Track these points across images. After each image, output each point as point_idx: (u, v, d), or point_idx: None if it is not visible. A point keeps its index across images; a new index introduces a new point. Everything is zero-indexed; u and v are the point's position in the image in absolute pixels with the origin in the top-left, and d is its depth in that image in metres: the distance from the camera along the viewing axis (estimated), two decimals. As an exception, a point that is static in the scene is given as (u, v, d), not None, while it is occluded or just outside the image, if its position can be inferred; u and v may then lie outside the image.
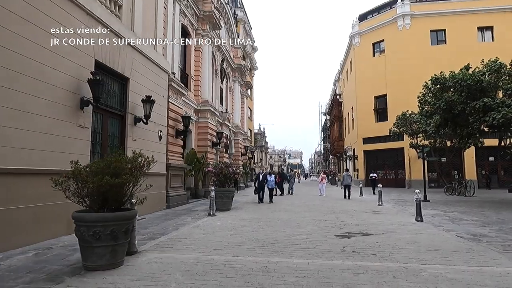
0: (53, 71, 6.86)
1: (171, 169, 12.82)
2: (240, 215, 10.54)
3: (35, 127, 6.36)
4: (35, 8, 6.40)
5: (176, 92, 13.71)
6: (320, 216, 10.39)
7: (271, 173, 15.97)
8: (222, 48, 22.49)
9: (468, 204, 14.49)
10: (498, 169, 28.69)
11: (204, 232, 7.48)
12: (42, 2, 6.60)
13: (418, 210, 9.40)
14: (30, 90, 6.25)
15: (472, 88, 14.44)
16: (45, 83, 6.61)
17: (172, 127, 13.40)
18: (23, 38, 6.14)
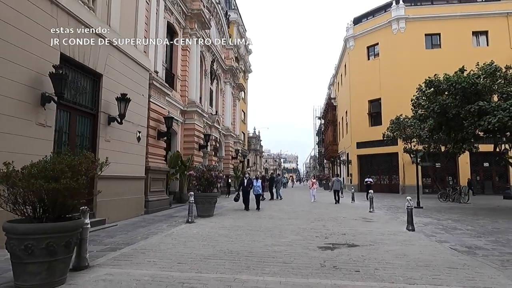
0: (8, 63, 6.20)
1: (151, 172, 12.14)
2: (221, 222, 9.87)
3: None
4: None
5: (159, 91, 13.07)
6: (306, 224, 9.75)
7: (257, 178, 14.66)
8: (213, 49, 21.92)
9: (463, 211, 13.94)
10: (492, 175, 28.27)
11: (174, 242, 6.81)
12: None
13: (410, 218, 8.80)
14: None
15: (467, 91, 13.95)
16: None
17: (154, 128, 12.73)
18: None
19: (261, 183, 14.41)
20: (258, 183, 13.99)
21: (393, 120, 24.30)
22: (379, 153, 30.55)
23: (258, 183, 14.05)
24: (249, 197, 13.40)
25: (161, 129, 13.08)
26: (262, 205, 15.52)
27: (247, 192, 13.36)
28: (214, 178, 11.16)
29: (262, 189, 19.79)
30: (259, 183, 14.02)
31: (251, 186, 13.45)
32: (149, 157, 12.22)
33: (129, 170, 10.49)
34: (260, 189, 14.05)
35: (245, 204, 13.33)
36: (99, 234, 7.61)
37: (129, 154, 10.56)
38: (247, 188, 13.32)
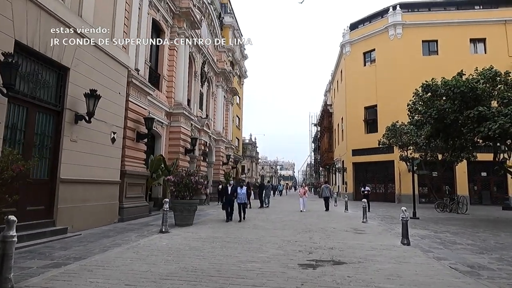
0: None
1: (128, 176, 11.26)
2: (198, 233, 8.99)
3: None
4: None
5: (139, 90, 12.25)
6: (292, 236, 8.89)
7: (242, 185, 12.78)
8: (203, 50, 21.20)
9: (461, 222, 13.12)
10: (490, 185, 27.54)
11: (134, 257, 5.93)
12: None
13: (405, 231, 7.96)
14: None
15: (466, 95, 13.25)
16: None
17: (133, 129, 11.89)
18: None
19: (246, 190, 12.96)
20: (243, 191, 12.32)
21: (389, 127, 23.60)
22: (375, 161, 29.80)
23: (243, 190, 12.37)
24: (233, 207, 12.01)
25: (141, 130, 12.23)
26: (248, 213, 14.65)
27: (230, 201, 11.94)
28: (194, 184, 10.28)
29: (248, 197, 19.01)
30: (244, 191, 12.36)
31: (235, 194, 12.02)
32: (126, 160, 11.35)
33: (100, 173, 9.62)
34: (245, 198, 12.54)
35: (227, 214, 11.87)
36: (53, 246, 6.71)
37: (101, 157, 9.69)
38: (231, 196, 11.89)
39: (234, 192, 11.98)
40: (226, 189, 12.34)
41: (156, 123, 14.99)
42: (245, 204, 12.40)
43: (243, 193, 12.25)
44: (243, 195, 12.24)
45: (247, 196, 18.79)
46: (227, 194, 12.00)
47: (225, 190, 12.41)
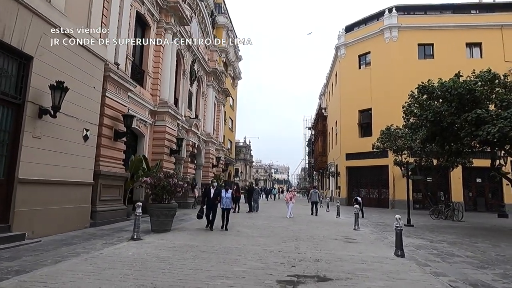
0: None
1: (103, 177, 10.45)
2: (174, 240, 8.20)
3: None
4: None
5: (119, 86, 11.47)
6: (276, 245, 8.14)
7: (227, 188, 11.31)
8: (193, 48, 20.47)
9: (458, 231, 12.47)
10: (485, 192, 27.04)
11: (89, 270, 5.14)
12: None
13: (399, 242, 7.26)
14: None
15: (464, 98, 12.65)
16: None
17: (110, 127, 11.08)
18: None
19: (232, 194, 11.28)
20: (228, 194, 10.91)
21: (384, 130, 23.02)
22: (368, 166, 29.19)
23: (228, 194, 10.95)
24: (215, 213, 10.48)
25: (119, 128, 11.43)
26: (235, 218, 13.90)
27: (213, 206, 10.42)
28: (172, 187, 9.49)
29: (237, 201, 18.20)
30: (229, 194, 10.94)
31: (219, 198, 10.58)
32: (102, 160, 10.54)
33: (69, 174, 8.80)
34: (231, 202, 11.02)
35: (208, 221, 10.43)
36: (0, 255, 5.89)
37: (71, 155, 8.89)
38: (213, 200, 10.42)
39: (217, 196, 10.55)
40: (208, 193, 10.61)
41: (139, 122, 14.23)
42: (229, 210, 10.87)
43: (227, 198, 10.86)
44: (227, 199, 10.84)
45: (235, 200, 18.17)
46: (209, 198, 10.48)
47: (207, 194, 10.65)
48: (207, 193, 10.64)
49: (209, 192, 10.64)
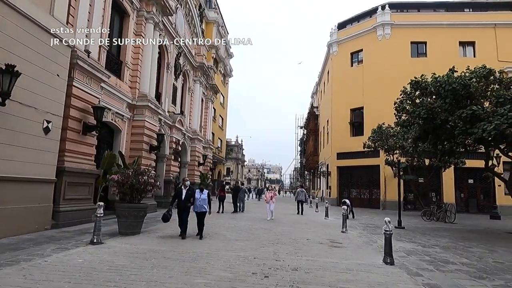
0: None
1: (68, 174, 9.54)
2: (139, 244, 7.35)
3: None
4: None
5: (89, 75, 10.55)
6: (253, 250, 7.34)
7: (201, 188, 9.26)
8: (179, 41, 19.56)
9: (451, 234, 11.83)
10: (477, 193, 26.61)
11: (16, 284, 4.29)
12: None
13: (388, 248, 6.53)
14: None
15: (458, 93, 12.03)
16: None
17: (78, 119, 10.17)
18: None
19: (207, 195, 9.10)
20: (203, 196, 8.93)
21: (375, 129, 22.39)
22: (360, 165, 28.58)
23: (203, 195, 8.94)
24: (187, 217, 8.70)
25: (89, 121, 10.52)
26: (217, 219, 13.09)
27: (185, 210, 8.66)
28: (142, 185, 8.64)
29: (218, 201, 17.34)
30: (204, 196, 8.94)
31: (192, 200, 8.77)
32: (67, 156, 9.62)
33: (25, 170, 7.91)
34: (206, 206, 8.94)
35: (181, 227, 8.69)
36: None
37: (28, 150, 7.99)
38: (185, 202, 8.66)
39: (190, 198, 8.72)
40: (179, 194, 8.83)
41: (115, 116, 13.31)
42: (204, 214, 8.90)
43: (202, 199, 8.87)
44: (202, 201, 8.86)
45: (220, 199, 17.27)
46: (180, 200, 8.68)
47: (177, 195, 8.87)
48: (178, 194, 8.90)
49: (180, 193, 8.86)
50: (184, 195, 8.77)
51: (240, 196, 17.54)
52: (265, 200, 15.18)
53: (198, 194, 8.96)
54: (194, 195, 8.87)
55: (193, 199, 8.80)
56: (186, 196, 8.76)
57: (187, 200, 8.74)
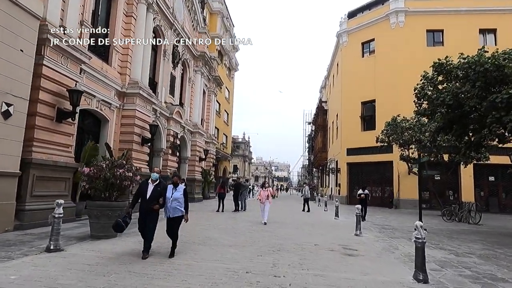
0: None
1: (36, 167, 8.24)
2: (106, 252, 5.98)
3: None
4: None
5: (64, 55, 9.21)
6: (248, 260, 5.91)
7: (175, 181, 6.35)
8: (177, 27, 18.17)
9: (481, 238, 10.22)
10: (499, 191, 24.72)
11: None
12: None
13: (420, 260, 5.04)
14: None
15: (491, 76, 10.36)
16: None
17: (51, 104, 8.86)
18: None
19: (184, 192, 6.24)
20: (177, 194, 6.09)
21: (389, 122, 20.69)
22: (371, 161, 26.94)
23: (177, 192, 6.11)
24: (154, 226, 6.05)
25: (65, 107, 9.20)
26: (216, 219, 11.71)
27: (149, 214, 5.92)
28: (118, 180, 7.27)
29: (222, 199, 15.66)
30: (178, 193, 6.10)
31: (162, 200, 5.98)
32: (36, 146, 8.32)
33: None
34: (181, 206, 6.12)
35: (143, 236, 5.99)
36: None
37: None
38: (151, 203, 5.87)
39: (159, 196, 5.94)
40: (142, 191, 6.04)
41: (102, 104, 12.00)
42: (179, 221, 6.17)
43: (176, 199, 6.02)
44: (176, 202, 6.01)
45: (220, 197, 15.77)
46: (144, 200, 5.95)
47: (140, 193, 6.09)
48: (141, 190, 6.08)
49: (144, 189, 6.02)
50: (150, 192, 5.93)
51: (244, 193, 16.13)
52: (259, 200, 12.25)
53: (170, 191, 6.09)
54: (165, 193, 6.04)
55: (163, 199, 5.99)
56: (153, 194, 5.90)
57: (153, 199, 5.89)
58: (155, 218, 6.03)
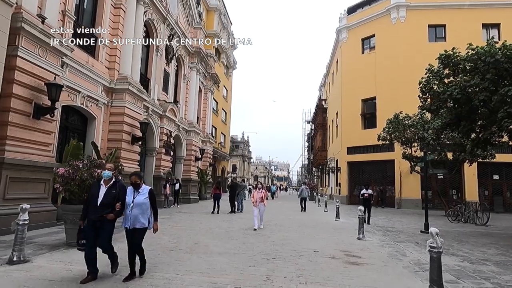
0: None
1: (10, 167, 7.53)
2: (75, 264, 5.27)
3: None
4: None
5: (42, 46, 8.51)
6: (238, 272, 5.22)
7: (134, 181, 4.72)
8: (170, 21, 17.47)
9: (493, 240, 9.54)
10: (503, 190, 24.05)
11: None
12: None
13: (436, 273, 4.35)
14: None
15: (502, 67, 9.68)
16: None
17: (27, 100, 8.15)
18: None
19: (150, 195, 4.74)
20: (140, 198, 4.66)
21: (391, 119, 20.00)
22: (372, 160, 26.30)
23: (140, 196, 4.67)
24: (106, 240, 4.56)
25: (43, 103, 8.50)
26: (209, 221, 11.02)
27: (101, 225, 4.50)
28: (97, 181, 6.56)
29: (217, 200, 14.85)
30: (141, 198, 4.66)
31: (119, 206, 4.56)
32: (9, 144, 7.62)
33: None
34: (146, 216, 4.70)
35: (88, 261, 4.47)
36: None
37: None
38: (101, 210, 4.48)
39: (114, 202, 4.57)
40: (93, 193, 4.67)
41: (88, 100, 11.31)
42: (143, 233, 4.72)
43: (139, 205, 4.62)
44: (138, 210, 4.62)
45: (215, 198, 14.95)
46: (93, 207, 4.53)
47: (90, 198, 4.69)
48: (91, 195, 4.67)
49: (94, 192, 4.65)
50: (101, 196, 4.54)
51: (241, 194, 15.45)
52: (252, 202, 10.78)
53: (130, 194, 4.67)
54: (123, 197, 4.63)
55: (120, 205, 4.57)
56: (105, 199, 4.53)
57: (107, 206, 4.50)
58: (110, 227, 4.55)
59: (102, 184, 4.71)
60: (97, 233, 4.49)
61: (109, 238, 4.61)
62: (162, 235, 8.17)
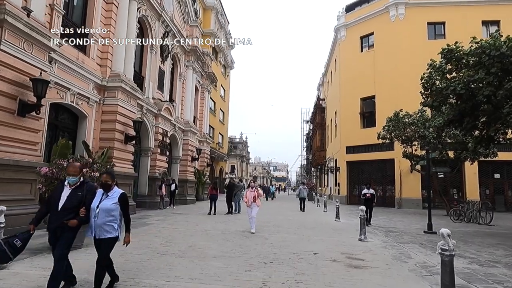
0: None
1: (-9, 168, 7.13)
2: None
3: None
4: None
5: (28, 40, 8.10)
6: (232, 277, 4.82)
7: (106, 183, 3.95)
8: (165, 18, 17.07)
9: (500, 241, 9.19)
10: (504, 189, 23.74)
11: None
12: None
13: (448, 279, 3.97)
14: None
15: (508, 60, 9.33)
16: None
17: (12, 96, 7.74)
18: None
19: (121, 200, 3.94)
20: (107, 203, 3.87)
21: (391, 117, 19.65)
22: (372, 159, 25.98)
23: (108, 200, 3.88)
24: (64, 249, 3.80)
25: (29, 99, 8.09)
26: (206, 222, 10.62)
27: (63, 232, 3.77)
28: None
29: (214, 201, 14.68)
30: (110, 202, 3.87)
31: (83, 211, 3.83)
32: (-8, 143, 7.22)
33: None
34: (116, 224, 3.91)
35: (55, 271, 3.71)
36: None
37: None
38: (63, 216, 3.73)
39: (79, 206, 3.84)
40: (55, 195, 3.89)
41: (78, 98, 10.90)
42: (112, 243, 3.97)
43: (106, 211, 3.83)
44: (105, 217, 3.83)
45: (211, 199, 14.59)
46: (54, 212, 3.79)
47: (51, 199, 3.98)
48: (51, 198, 4.00)
49: (56, 194, 3.91)
50: (64, 199, 3.82)
51: (239, 194, 15.07)
52: (244, 201, 10.23)
53: (97, 198, 3.93)
54: (91, 201, 3.92)
55: (85, 210, 3.87)
56: (68, 202, 3.81)
57: (70, 211, 3.79)
58: (68, 236, 3.80)
59: (66, 185, 3.89)
60: (53, 240, 3.87)
61: (67, 246, 3.81)
62: (154, 238, 7.78)
